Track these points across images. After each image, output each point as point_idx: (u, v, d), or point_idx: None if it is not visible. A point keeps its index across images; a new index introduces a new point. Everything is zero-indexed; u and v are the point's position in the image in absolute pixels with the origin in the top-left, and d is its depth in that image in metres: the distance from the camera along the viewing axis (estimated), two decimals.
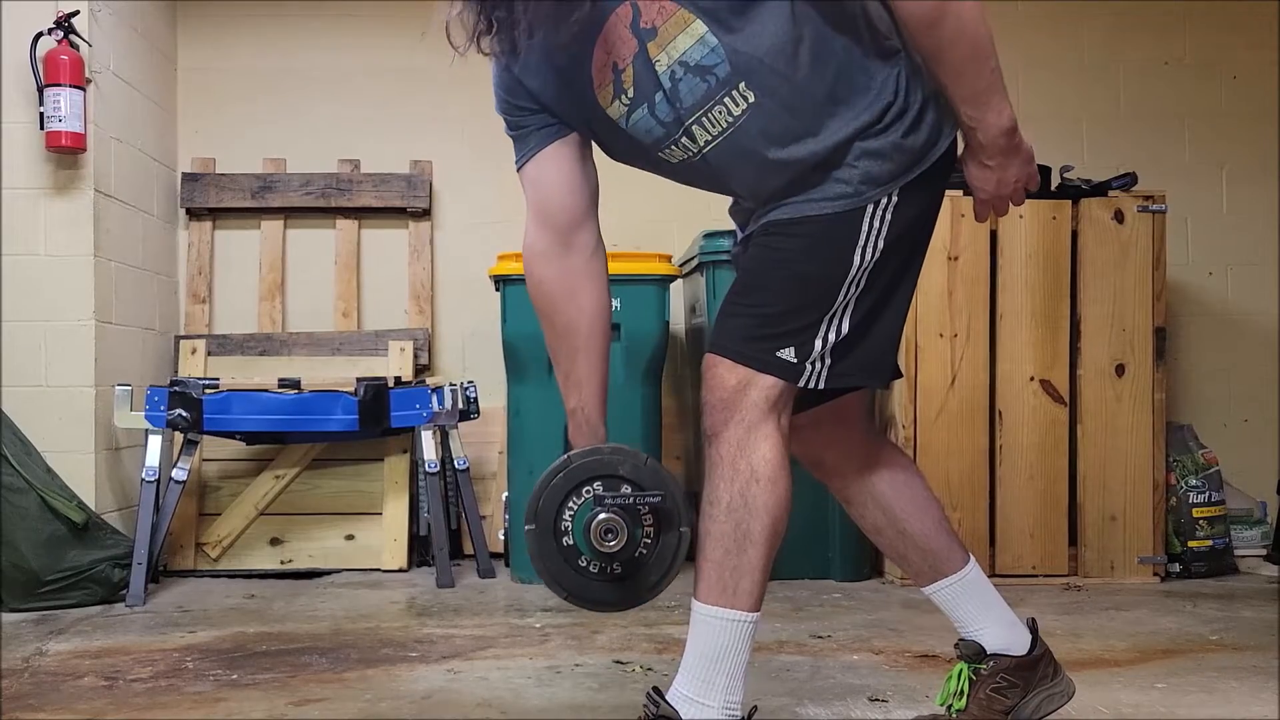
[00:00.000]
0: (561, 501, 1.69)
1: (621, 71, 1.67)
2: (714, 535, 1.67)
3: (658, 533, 1.71)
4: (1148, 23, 4.39)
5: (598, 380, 1.86)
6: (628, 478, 1.70)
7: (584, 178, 1.83)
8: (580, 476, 1.70)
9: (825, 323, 1.69)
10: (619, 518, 1.66)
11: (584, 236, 1.84)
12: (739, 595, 1.67)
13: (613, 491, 1.69)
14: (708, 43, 1.61)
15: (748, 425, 1.67)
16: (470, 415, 3.78)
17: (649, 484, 1.70)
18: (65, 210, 3.50)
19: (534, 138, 1.81)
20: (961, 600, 1.93)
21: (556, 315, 1.85)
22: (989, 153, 1.76)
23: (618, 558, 1.69)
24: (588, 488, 1.70)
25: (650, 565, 1.71)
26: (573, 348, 1.85)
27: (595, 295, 1.85)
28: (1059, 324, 3.52)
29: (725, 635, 1.67)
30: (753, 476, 1.66)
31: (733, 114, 1.66)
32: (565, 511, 1.70)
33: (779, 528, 1.68)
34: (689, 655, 1.70)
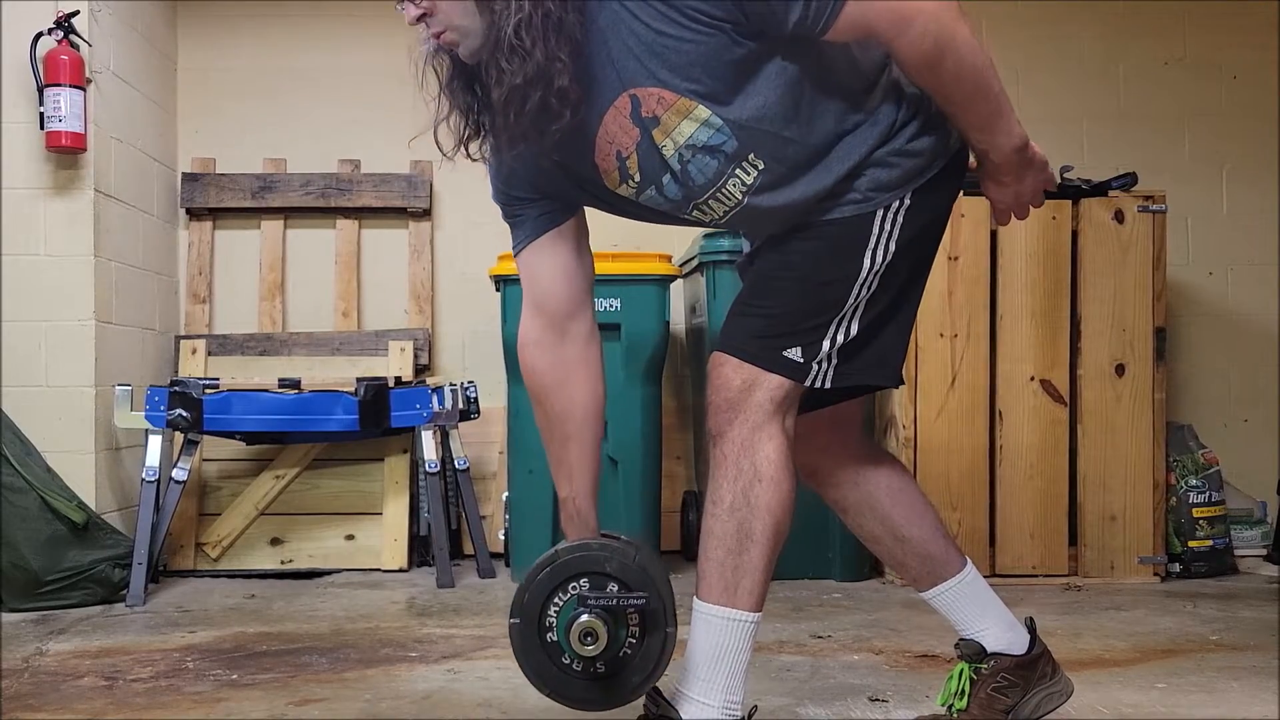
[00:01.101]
0: (547, 597, 1.67)
1: (626, 159, 1.67)
2: (716, 534, 1.68)
3: (643, 634, 1.67)
4: (1148, 23, 4.39)
5: (589, 470, 1.86)
6: (614, 575, 1.67)
7: (579, 266, 1.83)
8: (566, 573, 1.67)
9: (835, 324, 1.70)
10: (601, 621, 1.63)
11: (579, 325, 1.84)
12: (740, 595, 1.67)
13: (597, 591, 1.66)
14: (712, 124, 1.61)
15: (753, 425, 1.67)
16: (470, 415, 3.78)
17: (636, 583, 1.66)
18: (65, 210, 3.50)
19: (530, 226, 1.81)
20: (961, 603, 1.93)
21: (550, 403, 1.85)
22: (1004, 171, 1.77)
23: (600, 658, 1.66)
24: (573, 584, 1.67)
25: (634, 665, 1.68)
26: (565, 436, 1.85)
27: (589, 384, 1.85)
28: (1059, 324, 3.52)
29: (726, 635, 1.68)
30: (756, 476, 1.66)
31: (746, 184, 1.66)
32: (550, 608, 1.67)
33: (782, 528, 1.68)
34: (690, 655, 1.71)
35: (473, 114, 1.65)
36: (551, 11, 1.52)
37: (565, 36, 1.53)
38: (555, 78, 1.53)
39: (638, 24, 1.54)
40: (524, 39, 1.52)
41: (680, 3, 1.52)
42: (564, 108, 1.56)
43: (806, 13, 1.52)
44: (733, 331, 1.73)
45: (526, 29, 1.51)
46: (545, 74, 1.53)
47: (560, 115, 1.56)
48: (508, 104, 1.56)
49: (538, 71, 1.53)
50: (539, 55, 1.52)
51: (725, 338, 1.73)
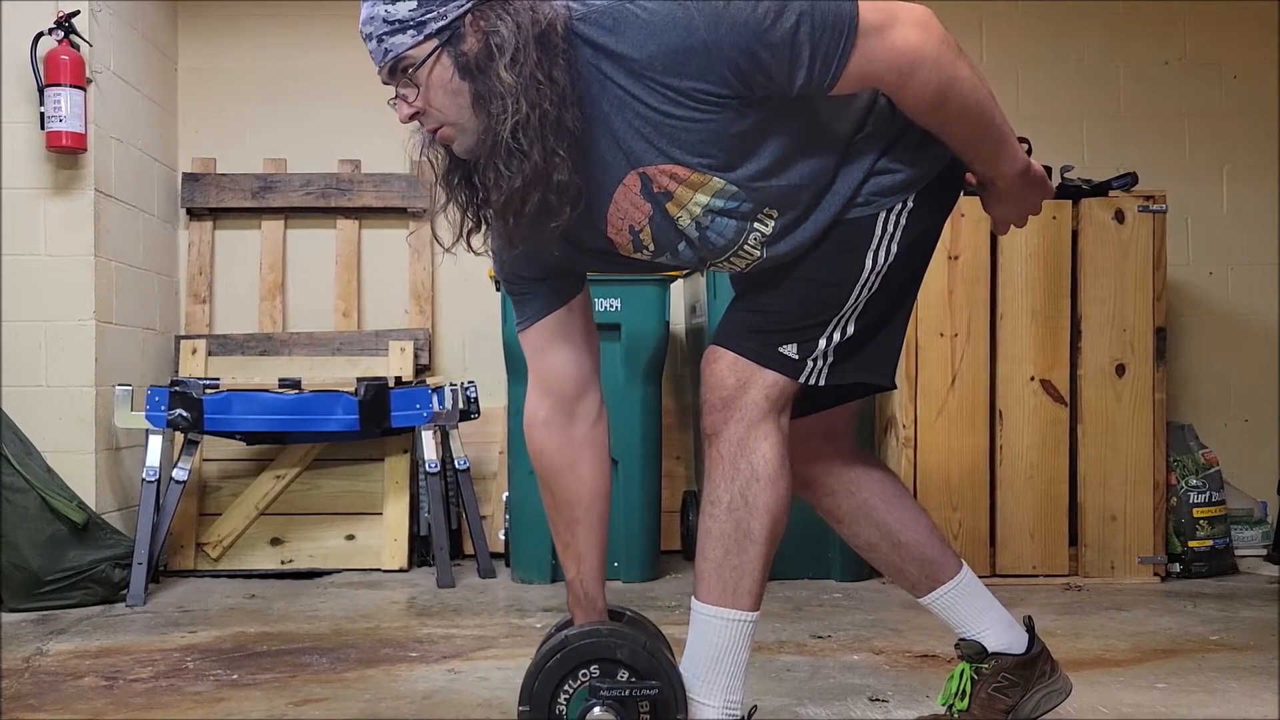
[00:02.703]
0: (557, 685, 1.66)
1: (639, 231, 1.67)
2: (714, 534, 1.67)
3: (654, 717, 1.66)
4: (1148, 23, 4.39)
5: (597, 553, 1.84)
6: (625, 662, 1.66)
7: (586, 344, 1.82)
8: (576, 660, 1.66)
9: (833, 324, 1.70)
10: (613, 713, 1.62)
11: (587, 405, 1.83)
12: (739, 594, 1.67)
13: (608, 679, 1.65)
14: (726, 191, 1.61)
15: (748, 424, 1.67)
16: (471, 415, 3.78)
17: (647, 671, 1.65)
18: (66, 210, 3.50)
19: (537, 304, 1.80)
20: (959, 605, 1.93)
21: (557, 485, 1.83)
22: (1008, 194, 1.77)
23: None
24: (584, 671, 1.66)
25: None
26: (572, 519, 1.83)
27: (596, 465, 1.83)
28: (1059, 324, 3.52)
29: (725, 634, 1.68)
30: (753, 475, 1.66)
31: (765, 233, 1.67)
32: (560, 695, 1.66)
33: (779, 527, 1.68)
34: (689, 655, 1.71)
35: (473, 208, 1.64)
36: (549, 113, 1.50)
37: (564, 133, 1.52)
38: (554, 173, 1.52)
39: (642, 106, 1.53)
40: (521, 141, 1.50)
41: (683, 85, 1.51)
42: (564, 204, 1.55)
43: (811, 74, 1.52)
44: (730, 327, 1.73)
45: (524, 131, 1.50)
46: (544, 173, 1.52)
47: (560, 211, 1.56)
48: (507, 205, 1.55)
49: (536, 172, 1.52)
50: (537, 156, 1.51)
51: (721, 332, 1.73)
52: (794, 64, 1.50)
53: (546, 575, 3.51)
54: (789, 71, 1.51)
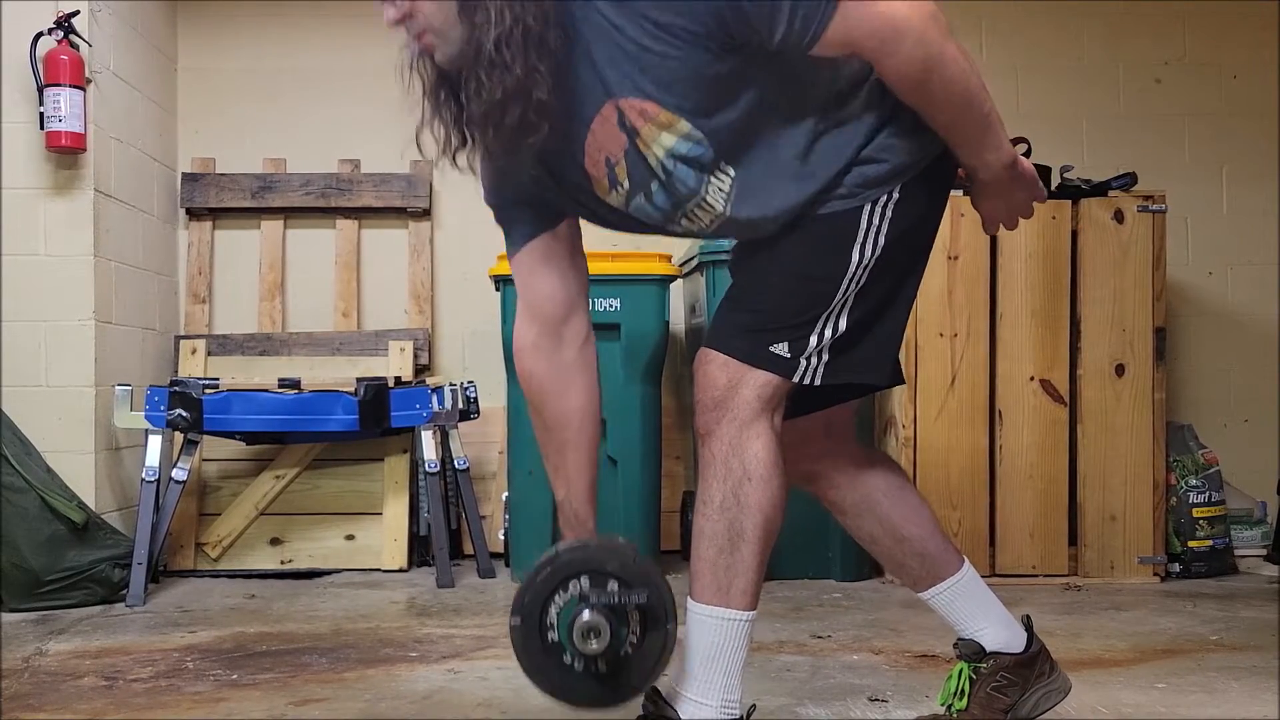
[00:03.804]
0: (548, 597, 1.66)
1: (615, 165, 1.67)
2: (707, 534, 1.67)
3: (643, 632, 1.66)
4: (1148, 23, 4.39)
5: (587, 475, 1.85)
6: (615, 574, 1.66)
7: (573, 268, 1.82)
8: (567, 572, 1.66)
9: (823, 320, 1.68)
10: (603, 618, 1.62)
11: (574, 329, 1.83)
12: (734, 594, 1.67)
13: (599, 589, 1.65)
14: (692, 136, 1.60)
15: (740, 423, 1.67)
16: (470, 415, 3.78)
17: (636, 581, 1.65)
18: (65, 210, 3.50)
19: (523, 229, 1.81)
20: (959, 602, 1.93)
21: (546, 408, 1.84)
22: (993, 188, 1.76)
23: (602, 656, 1.65)
24: (574, 583, 1.65)
25: (635, 664, 1.66)
26: (562, 441, 1.84)
27: (584, 389, 1.84)
28: (1059, 324, 3.52)
29: (721, 634, 1.67)
30: (745, 475, 1.66)
31: (724, 192, 1.66)
32: (551, 607, 1.65)
33: (773, 526, 1.68)
34: (686, 655, 1.70)
35: (459, 124, 1.65)
36: (532, 28, 1.51)
37: (546, 51, 1.53)
38: (534, 90, 1.53)
39: (622, 37, 1.53)
40: (504, 54, 1.51)
41: (665, 20, 1.51)
42: (542, 120, 1.55)
43: (791, 28, 1.51)
44: (719, 328, 1.73)
45: (507, 44, 1.51)
46: (524, 88, 1.52)
47: (538, 128, 1.56)
48: (487, 118, 1.56)
49: (517, 86, 1.52)
50: (518, 70, 1.51)
51: (712, 334, 1.73)
52: (775, 15, 1.50)
53: None
54: (770, 22, 1.50)
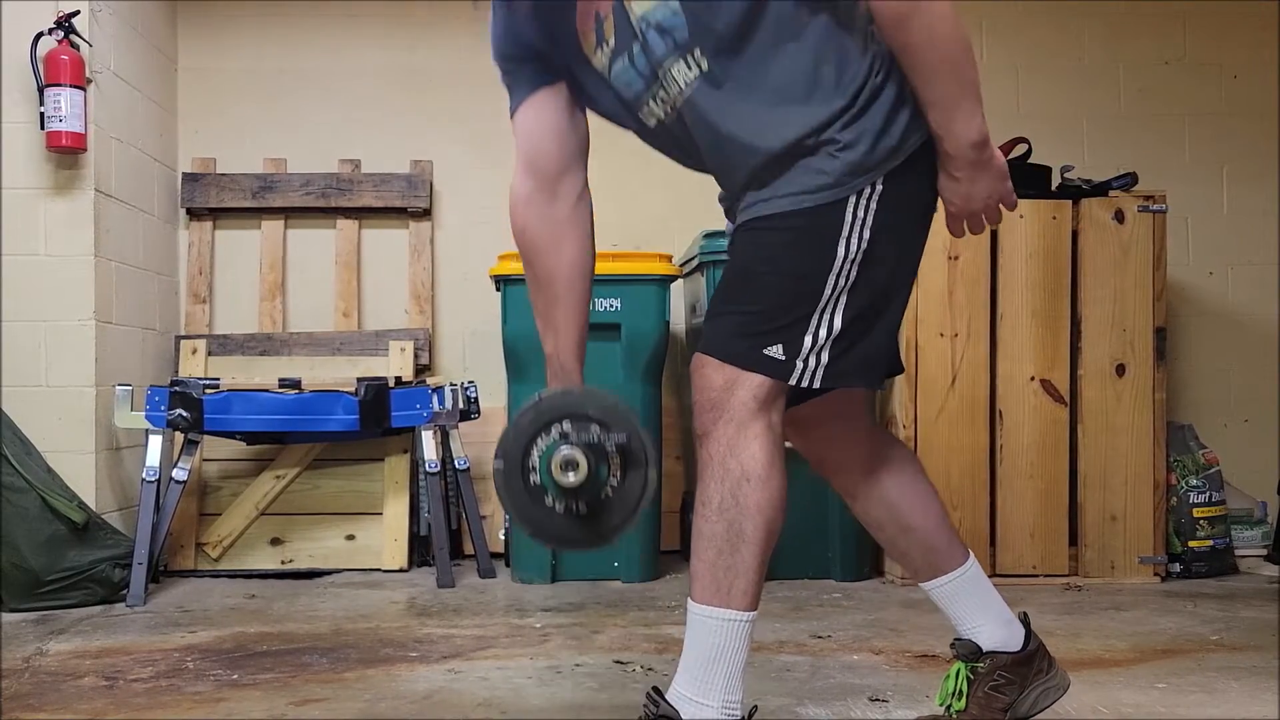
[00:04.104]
0: (530, 439, 1.68)
1: (603, 20, 1.69)
2: (706, 535, 1.67)
3: (624, 473, 1.68)
4: (1148, 23, 4.39)
5: (574, 329, 1.88)
6: (596, 418, 1.68)
7: (571, 126, 1.84)
8: (549, 415, 1.69)
9: (815, 318, 1.67)
10: (582, 453, 1.64)
11: (569, 184, 1.85)
12: (734, 595, 1.66)
13: (579, 429, 1.67)
14: (670, 5, 1.62)
15: (737, 424, 1.66)
16: (471, 415, 3.78)
17: (617, 424, 1.68)
18: (66, 210, 3.50)
19: (524, 84, 1.83)
20: (960, 597, 1.93)
21: (537, 261, 1.87)
22: (956, 164, 1.71)
23: (581, 495, 1.67)
24: (556, 426, 1.68)
25: (615, 506, 1.69)
26: (552, 295, 1.87)
27: (576, 244, 1.87)
28: (1059, 324, 3.52)
29: (722, 635, 1.67)
30: (743, 475, 1.65)
31: (688, 77, 1.66)
32: (534, 449, 1.68)
33: (773, 527, 1.67)
34: (687, 655, 1.70)
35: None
36: None
37: None
38: None
39: None
40: None
41: None
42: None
43: None
44: (712, 332, 1.72)
45: None
46: None
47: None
48: None
49: None
50: None
51: (705, 339, 1.72)
52: None
53: (546, 575, 3.51)
54: None
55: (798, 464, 3.75)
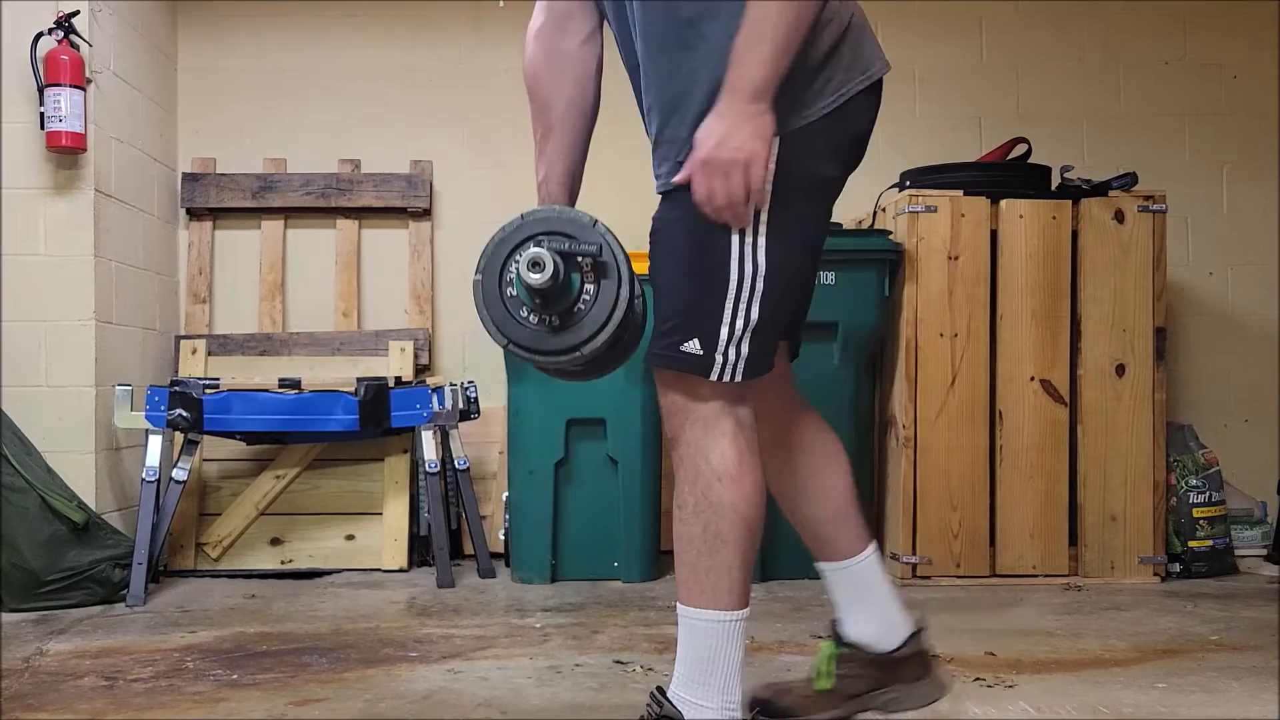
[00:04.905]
0: (509, 254, 1.73)
1: None
2: (685, 538, 1.67)
3: (597, 286, 1.72)
4: (1148, 23, 4.39)
5: (565, 160, 1.93)
6: (570, 232, 1.73)
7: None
8: (529, 231, 1.74)
9: (728, 308, 1.66)
10: (550, 256, 1.66)
11: (578, 22, 1.92)
12: (719, 594, 1.66)
13: (553, 240, 1.72)
14: None
15: (703, 424, 1.67)
16: (470, 415, 3.78)
17: (590, 239, 1.72)
18: (65, 210, 3.50)
19: None
20: (840, 586, 1.95)
21: (536, 89, 1.94)
22: (726, 101, 1.60)
23: (553, 305, 1.71)
24: (531, 243, 1.72)
25: (588, 318, 1.72)
26: (547, 125, 1.93)
27: (578, 80, 1.93)
28: (1059, 324, 3.52)
29: (713, 636, 1.67)
30: (714, 475, 1.65)
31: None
32: (511, 263, 1.73)
33: (752, 524, 1.67)
34: (681, 658, 1.71)
35: None
36: None
37: None
38: None
39: None
40: None
41: None
42: None
43: None
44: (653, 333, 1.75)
45: None
46: None
47: None
48: None
49: None
50: None
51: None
52: None
53: (546, 575, 3.51)
54: None
55: None
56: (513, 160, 4.34)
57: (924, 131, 4.29)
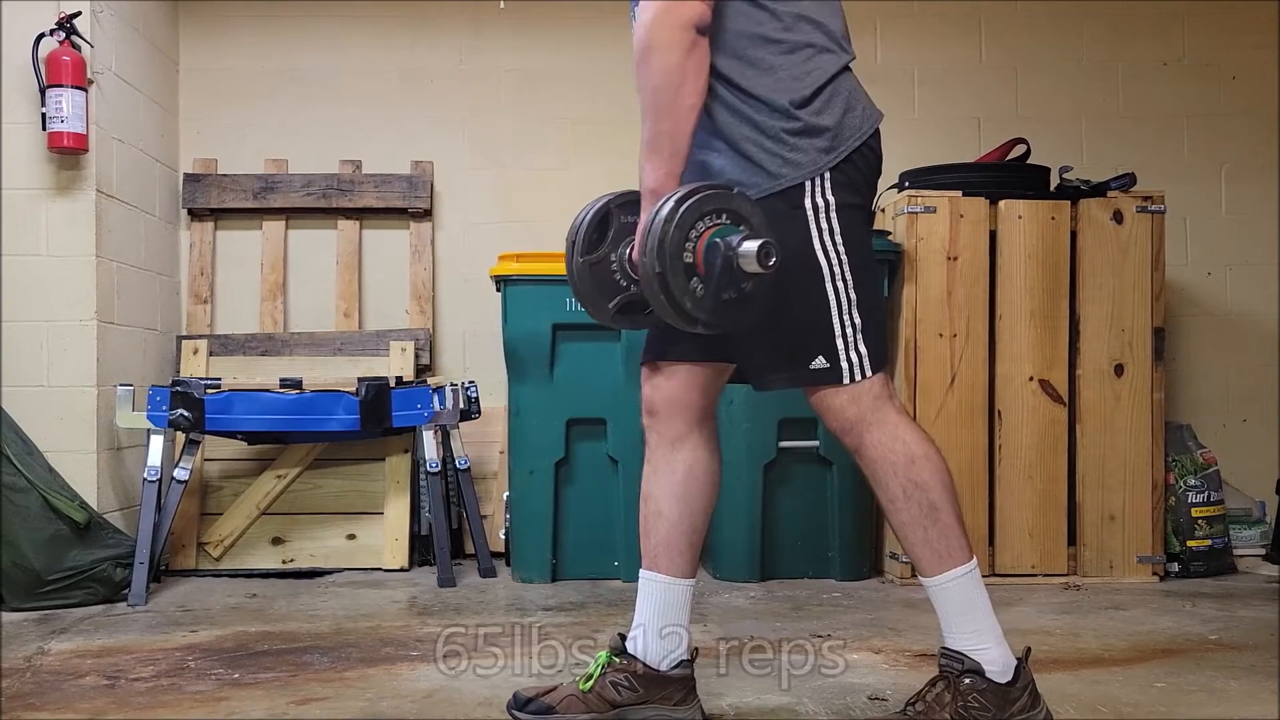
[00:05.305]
0: (699, 217, 1.78)
1: None
2: (907, 524, 1.89)
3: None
4: (1147, 23, 4.40)
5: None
6: (756, 223, 1.81)
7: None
8: (722, 204, 1.80)
9: (835, 320, 1.89)
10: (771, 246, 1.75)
11: None
12: (953, 554, 1.88)
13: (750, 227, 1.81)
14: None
15: (875, 425, 1.88)
16: (471, 415, 3.79)
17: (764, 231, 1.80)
18: (67, 210, 3.51)
19: None
20: (645, 595, 2.05)
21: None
22: (641, 200, 1.87)
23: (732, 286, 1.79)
24: (724, 214, 1.79)
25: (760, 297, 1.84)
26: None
27: None
28: (1058, 324, 3.53)
29: (961, 589, 1.88)
30: (909, 461, 1.87)
31: None
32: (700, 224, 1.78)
33: (950, 483, 1.90)
34: (946, 622, 1.90)
35: None
36: None
37: None
38: None
39: None
40: None
41: None
42: None
43: None
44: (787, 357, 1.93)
45: None
46: None
47: None
48: None
49: None
50: None
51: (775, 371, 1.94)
52: None
53: (547, 575, 3.52)
54: None
55: (798, 464, 3.76)
56: (513, 160, 4.35)
57: (923, 132, 4.30)
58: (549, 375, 3.48)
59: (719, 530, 3.47)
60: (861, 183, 1.92)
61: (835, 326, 1.87)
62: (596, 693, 2.02)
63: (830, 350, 1.87)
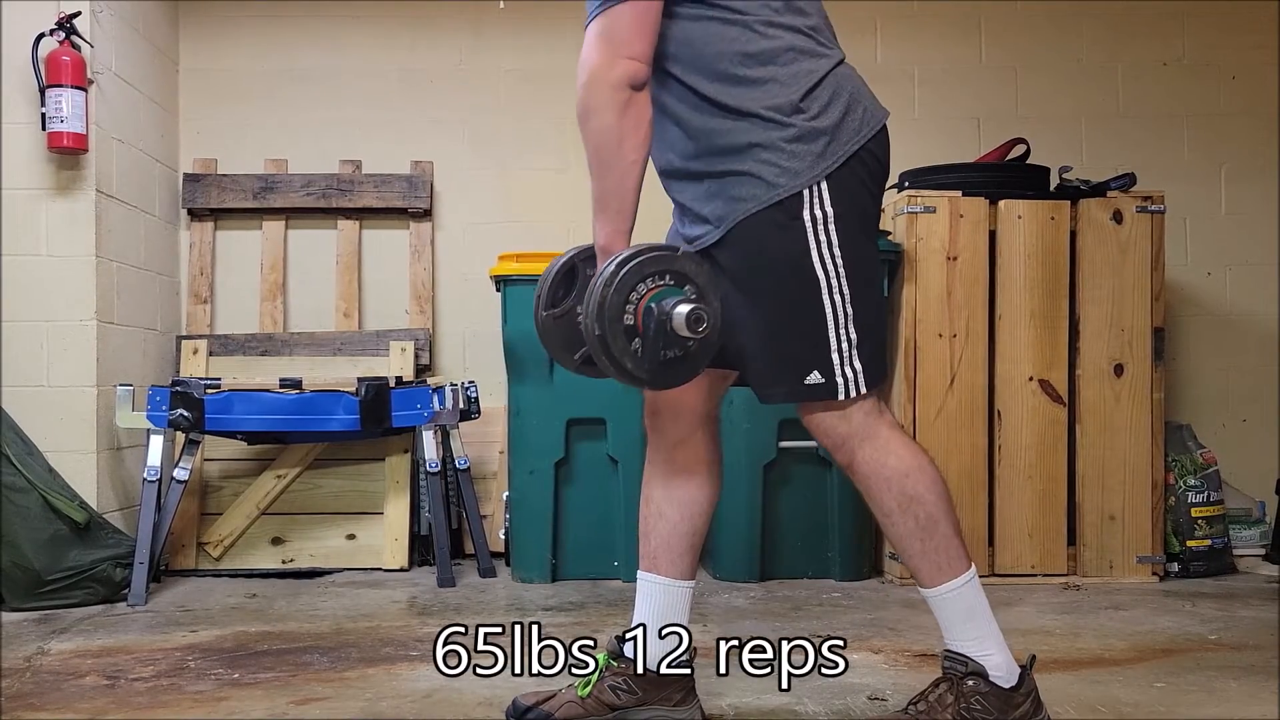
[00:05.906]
0: (639, 280, 1.78)
1: None
2: (903, 536, 1.89)
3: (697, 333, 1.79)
4: (1147, 23, 4.40)
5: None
6: (700, 284, 1.81)
7: None
8: (664, 265, 1.79)
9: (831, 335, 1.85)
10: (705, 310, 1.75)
11: None
12: (952, 565, 1.88)
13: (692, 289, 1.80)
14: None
15: (868, 440, 1.87)
16: (471, 415, 3.79)
17: (712, 293, 1.81)
18: (67, 211, 3.51)
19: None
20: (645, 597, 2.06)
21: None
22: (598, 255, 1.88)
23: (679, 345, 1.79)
24: (667, 276, 1.79)
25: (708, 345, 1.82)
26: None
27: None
28: (1058, 324, 3.53)
29: (963, 598, 1.88)
30: (902, 475, 1.87)
31: None
32: (640, 287, 1.78)
33: (946, 494, 1.91)
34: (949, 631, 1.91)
35: None
36: None
37: None
38: None
39: None
40: None
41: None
42: None
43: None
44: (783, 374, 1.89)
45: None
46: None
47: None
48: None
49: None
50: None
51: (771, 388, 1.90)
52: None
53: (546, 575, 3.52)
54: None
55: (798, 465, 3.75)
56: (513, 160, 4.35)
57: (922, 132, 4.30)
58: (549, 375, 3.48)
59: (719, 530, 3.47)
60: (862, 188, 1.88)
61: (831, 340, 1.84)
62: (595, 697, 2.03)
63: (825, 365, 1.85)
